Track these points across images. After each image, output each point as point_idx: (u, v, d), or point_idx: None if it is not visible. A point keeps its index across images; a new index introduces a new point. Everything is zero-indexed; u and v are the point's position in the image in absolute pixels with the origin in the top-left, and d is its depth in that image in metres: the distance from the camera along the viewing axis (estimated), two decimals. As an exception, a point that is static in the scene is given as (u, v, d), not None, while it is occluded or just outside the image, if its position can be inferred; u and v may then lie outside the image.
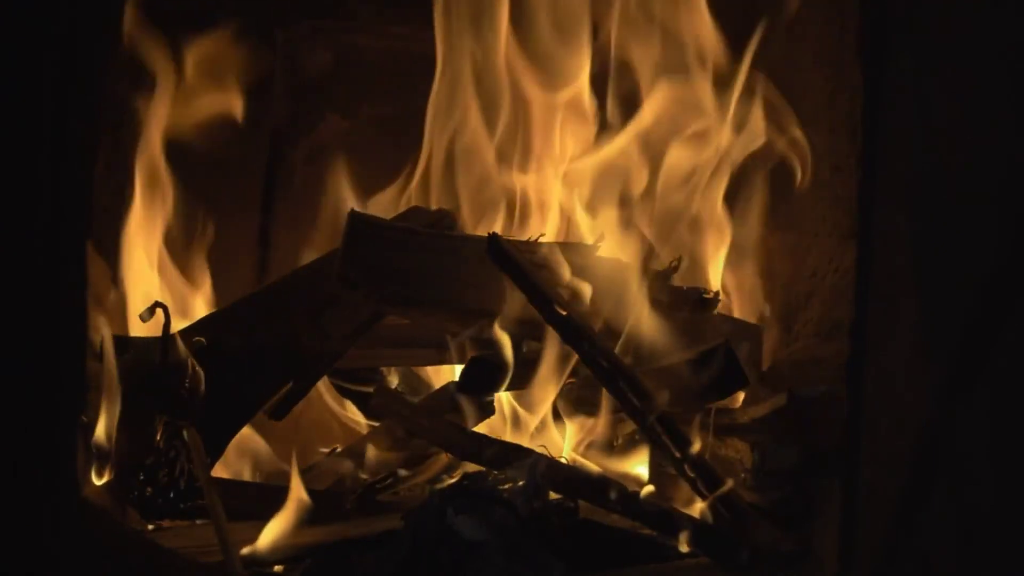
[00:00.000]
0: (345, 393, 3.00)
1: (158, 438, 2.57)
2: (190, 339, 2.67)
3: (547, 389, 2.75)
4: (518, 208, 3.14)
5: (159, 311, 2.63)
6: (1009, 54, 2.04)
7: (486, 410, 2.81)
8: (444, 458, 2.75)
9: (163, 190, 3.04)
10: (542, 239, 2.89)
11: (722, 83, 3.02)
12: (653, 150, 3.07)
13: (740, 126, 3.02)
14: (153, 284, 3.02)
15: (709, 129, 3.04)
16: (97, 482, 2.51)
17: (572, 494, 2.49)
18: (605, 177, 3.09)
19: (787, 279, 3.05)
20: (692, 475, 2.50)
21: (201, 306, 3.03)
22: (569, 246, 2.86)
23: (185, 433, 2.54)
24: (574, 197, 3.07)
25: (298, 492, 2.44)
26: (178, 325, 2.74)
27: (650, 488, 2.58)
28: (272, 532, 2.41)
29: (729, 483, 2.46)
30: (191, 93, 3.10)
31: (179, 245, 3.11)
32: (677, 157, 3.05)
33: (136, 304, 2.94)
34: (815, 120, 2.96)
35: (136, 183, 3.02)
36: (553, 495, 2.44)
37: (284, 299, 2.80)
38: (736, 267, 3.12)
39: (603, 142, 3.10)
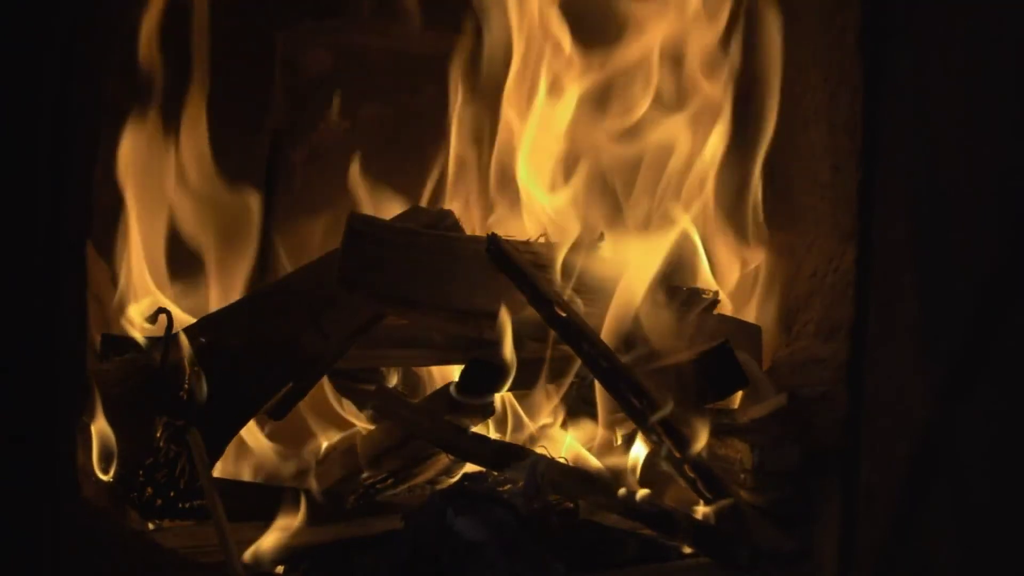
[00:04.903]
0: (345, 393, 3.00)
1: (158, 438, 2.57)
2: (191, 338, 2.67)
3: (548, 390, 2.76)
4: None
5: (162, 316, 2.65)
6: (1009, 54, 2.04)
7: (486, 411, 2.81)
8: (444, 459, 2.75)
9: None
10: (541, 239, 2.89)
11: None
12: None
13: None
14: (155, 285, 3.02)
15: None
16: (104, 478, 2.51)
17: (572, 494, 2.49)
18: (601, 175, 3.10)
19: (787, 279, 3.05)
20: (692, 475, 2.50)
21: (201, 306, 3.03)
22: (569, 246, 2.85)
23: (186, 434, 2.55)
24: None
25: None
26: (179, 326, 2.74)
27: (649, 488, 2.58)
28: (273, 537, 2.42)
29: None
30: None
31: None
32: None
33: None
34: (815, 120, 2.96)
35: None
36: (553, 495, 2.45)
37: (284, 299, 2.80)
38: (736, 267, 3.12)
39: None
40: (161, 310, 2.67)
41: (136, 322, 2.79)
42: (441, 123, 3.19)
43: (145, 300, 2.94)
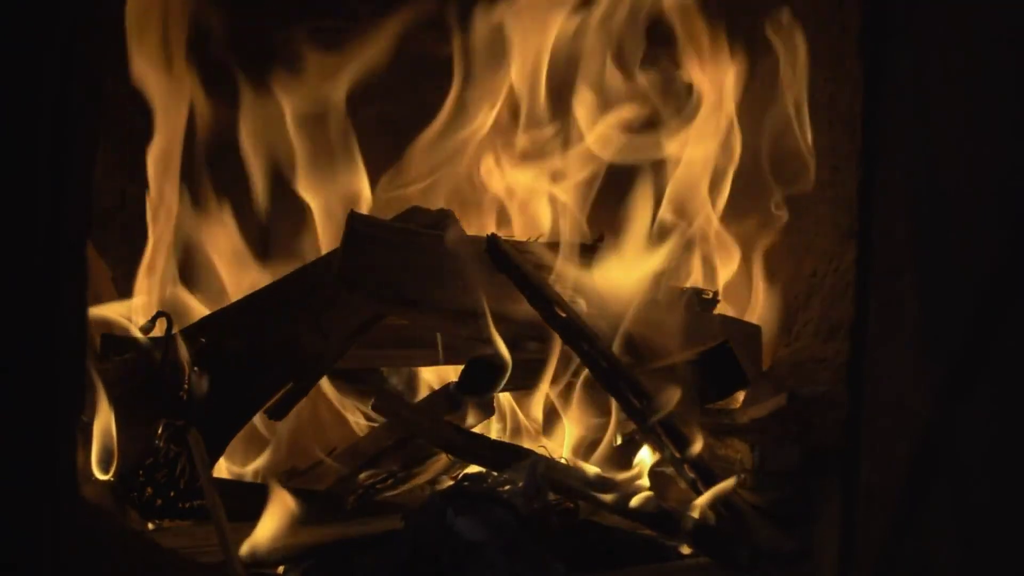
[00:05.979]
0: (345, 393, 3.00)
1: (158, 438, 2.57)
2: (191, 339, 2.67)
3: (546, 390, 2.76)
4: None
5: (161, 319, 2.66)
6: (1009, 54, 2.04)
7: (486, 410, 2.81)
8: (444, 459, 2.75)
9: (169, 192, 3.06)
10: (541, 239, 2.89)
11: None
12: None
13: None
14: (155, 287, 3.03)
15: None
16: (103, 477, 2.51)
17: (572, 494, 2.49)
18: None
19: (787, 279, 3.05)
20: (692, 475, 2.50)
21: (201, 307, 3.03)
22: (568, 246, 2.85)
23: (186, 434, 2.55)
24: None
25: (282, 498, 2.44)
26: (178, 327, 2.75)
27: (649, 488, 2.58)
28: (265, 532, 2.41)
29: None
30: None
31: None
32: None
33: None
34: (815, 120, 2.97)
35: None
36: (553, 495, 2.45)
37: (284, 299, 2.80)
38: (736, 267, 3.13)
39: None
40: (160, 313, 2.68)
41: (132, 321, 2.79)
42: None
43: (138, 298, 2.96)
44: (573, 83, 3.12)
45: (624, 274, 2.82)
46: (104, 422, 2.50)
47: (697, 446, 2.50)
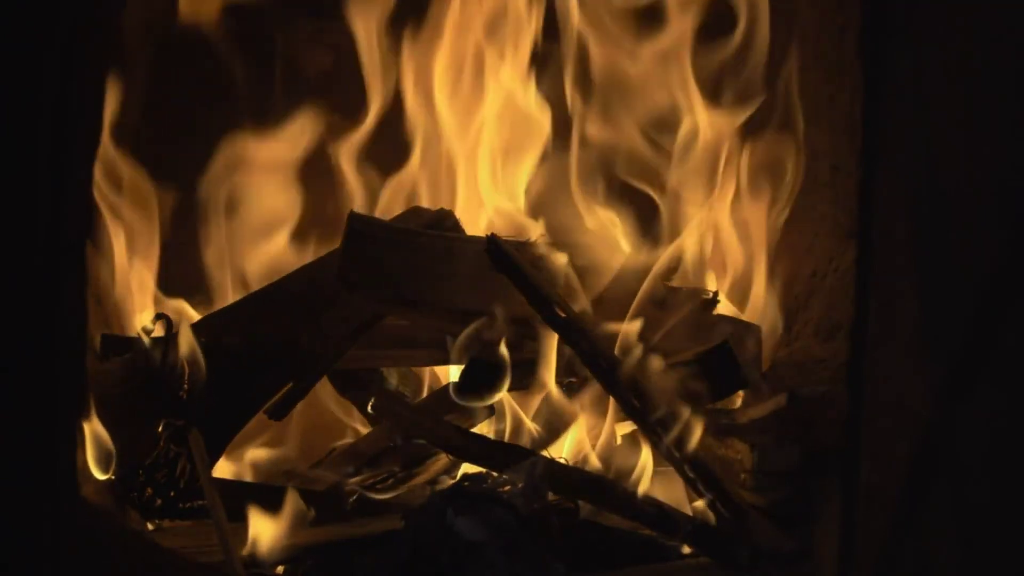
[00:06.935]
0: (345, 393, 3.00)
1: (158, 438, 2.57)
2: (191, 338, 2.68)
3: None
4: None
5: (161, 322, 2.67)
6: (1009, 54, 2.05)
7: (485, 411, 2.81)
8: (444, 459, 2.75)
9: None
10: (540, 240, 2.89)
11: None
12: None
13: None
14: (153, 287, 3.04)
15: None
16: (101, 477, 2.51)
17: (572, 494, 2.49)
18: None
19: (787, 279, 3.05)
20: (691, 475, 2.50)
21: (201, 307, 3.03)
22: (568, 246, 2.85)
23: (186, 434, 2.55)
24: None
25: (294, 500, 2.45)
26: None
27: (649, 488, 2.58)
28: (269, 533, 2.41)
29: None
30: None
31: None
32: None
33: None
34: (815, 120, 2.96)
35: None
36: (553, 495, 2.45)
37: (284, 299, 2.80)
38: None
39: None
40: (160, 315, 2.69)
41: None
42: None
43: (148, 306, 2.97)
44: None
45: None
46: (97, 422, 2.50)
47: (693, 445, 2.50)
